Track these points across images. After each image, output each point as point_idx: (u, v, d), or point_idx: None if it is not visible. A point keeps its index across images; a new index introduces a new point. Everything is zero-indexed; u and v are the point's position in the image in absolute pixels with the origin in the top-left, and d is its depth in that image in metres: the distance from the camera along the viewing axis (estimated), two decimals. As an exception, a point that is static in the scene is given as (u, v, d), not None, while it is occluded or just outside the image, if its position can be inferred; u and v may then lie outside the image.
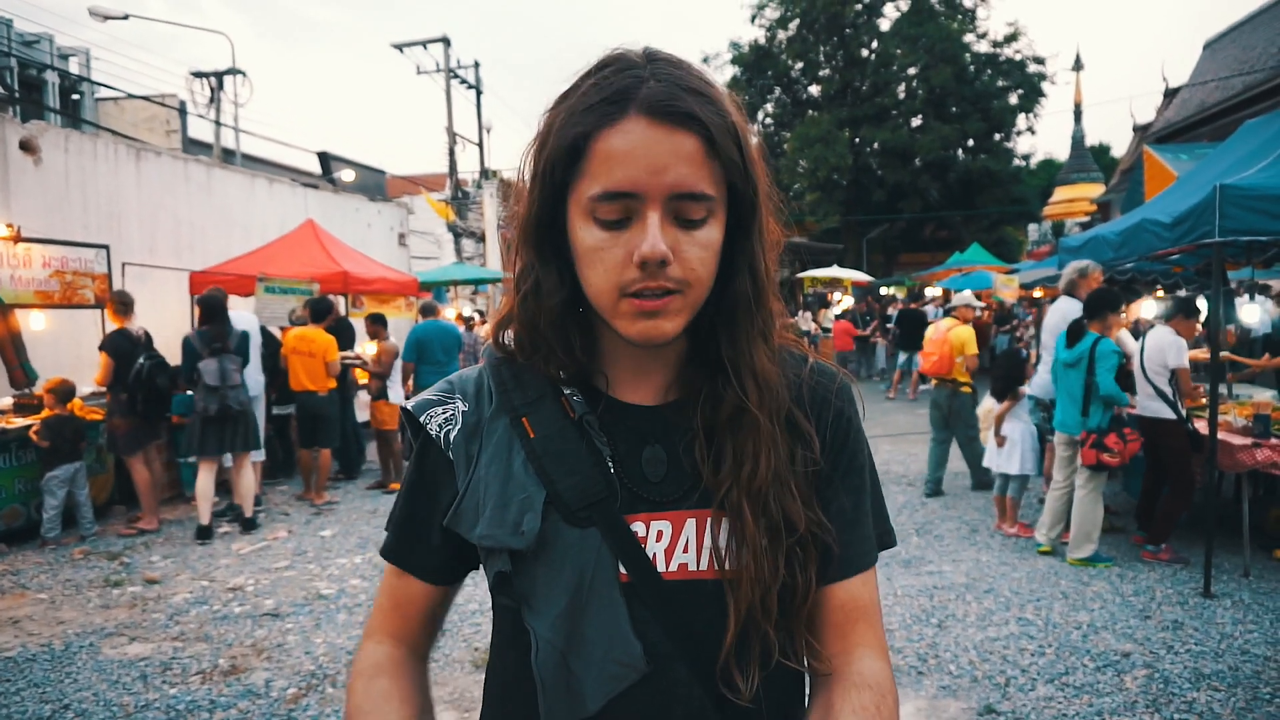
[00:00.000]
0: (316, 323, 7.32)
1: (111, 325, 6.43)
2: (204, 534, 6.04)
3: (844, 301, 17.98)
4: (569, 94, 0.81)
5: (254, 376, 6.97)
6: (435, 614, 0.98)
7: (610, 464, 0.86)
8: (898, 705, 0.86)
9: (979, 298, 16.48)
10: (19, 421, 6.11)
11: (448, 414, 0.92)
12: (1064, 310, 5.69)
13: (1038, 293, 12.87)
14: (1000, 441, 5.82)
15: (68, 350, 7.84)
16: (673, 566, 0.84)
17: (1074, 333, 5.11)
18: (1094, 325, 5.04)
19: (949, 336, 6.92)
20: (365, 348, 8.35)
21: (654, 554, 0.84)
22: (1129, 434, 4.85)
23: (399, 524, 0.95)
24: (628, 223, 0.78)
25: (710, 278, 0.81)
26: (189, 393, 6.18)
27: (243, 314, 7.14)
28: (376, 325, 7.86)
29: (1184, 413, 5.04)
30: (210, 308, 6.13)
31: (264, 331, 7.59)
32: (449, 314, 10.89)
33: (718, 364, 0.86)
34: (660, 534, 0.85)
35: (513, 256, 0.89)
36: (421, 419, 0.93)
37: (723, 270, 0.83)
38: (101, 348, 6.19)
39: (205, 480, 6.10)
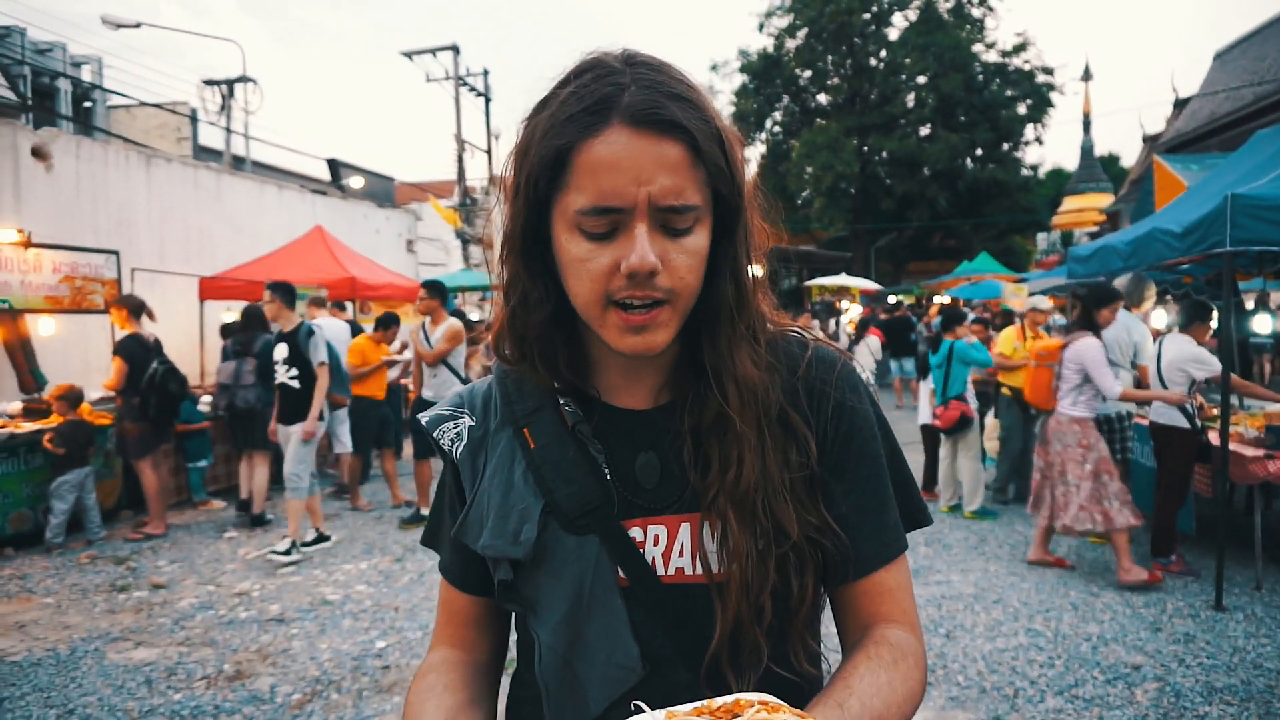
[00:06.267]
0: (382, 330, 7.50)
1: (119, 330, 6.46)
2: (257, 521, 6.59)
3: (850, 310, 17.96)
4: (547, 102, 0.79)
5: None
6: (485, 621, 0.99)
7: (606, 471, 0.86)
8: (921, 671, 0.83)
9: (987, 307, 16.42)
10: (28, 426, 6.13)
11: (457, 429, 0.94)
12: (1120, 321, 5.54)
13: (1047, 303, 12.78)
14: None
15: (76, 355, 7.88)
16: (670, 570, 0.85)
17: (937, 341, 6.74)
18: (948, 334, 6.60)
19: (998, 338, 7.38)
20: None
21: (652, 558, 0.85)
22: (952, 404, 6.43)
23: (436, 536, 1.00)
24: (614, 234, 0.76)
25: (698, 284, 0.80)
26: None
27: (334, 321, 7.29)
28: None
29: (1199, 423, 5.00)
30: (248, 317, 6.72)
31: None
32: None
33: (701, 369, 0.86)
34: (657, 538, 0.85)
35: (500, 266, 0.88)
36: (435, 434, 0.95)
37: (708, 274, 0.82)
38: (116, 352, 6.22)
39: (253, 473, 6.63)
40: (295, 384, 5.73)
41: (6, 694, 3.67)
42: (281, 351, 5.80)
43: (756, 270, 0.87)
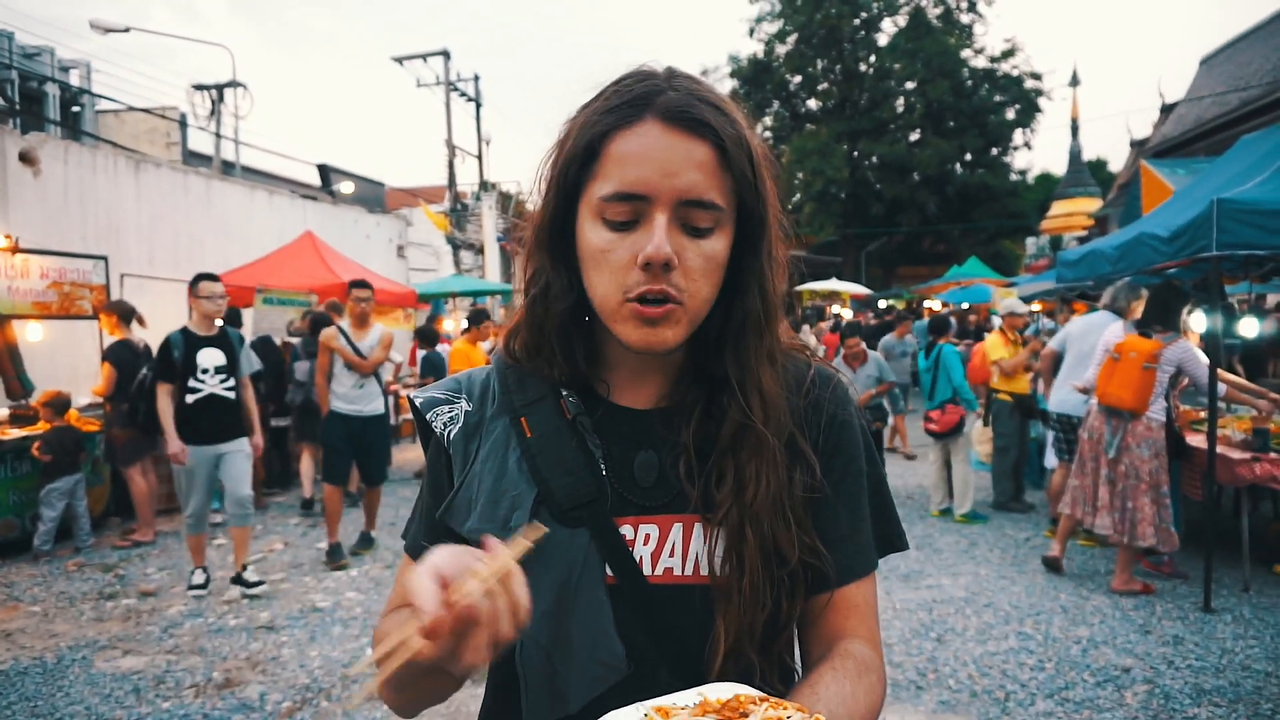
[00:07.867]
0: (476, 329, 7.41)
1: (108, 336, 6.42)
2: (307, 505, 7.17)
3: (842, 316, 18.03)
4: (592, 101, 0.83)
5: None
6: None
7: (602, 466, 0.87)
8: (883, 687, 0.84)
9: (974, 310, 16.46)
10: (15, 433, 6.09)
11: (452, 413, 0.94)
12: (1097, 324, 5.51)
13: (1034, 306, 12.86)
14: None
15: (65, 361, 7.82)
16: (658, 570, 0.85)
17: (930, 346, 6.85)
18: (939, 340, 6.80)
19: (983, 345, 7.29)
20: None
21: (640, 557, 0.85)
22: (949, 409, 6.46)
23: (415, 516, 1.00)
24: (635, 225, 0.78)
25: (712, 291, 0.81)
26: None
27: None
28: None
29: (1175, 426, 4.96)
30: (316, 322, 7.05)
31: (267, 342, 7.64)
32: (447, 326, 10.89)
33: (717, 381, 0.86)
34: (648, 537, 0.85)
35: (524, 262, 0.90)
36: (428, 416, 0.95)
37: (729, 287, 0.84)
38: (105, 358, 6.20)
39: (307, 462, 7.32)
40: (231, 395, 5.01)
41: (-7, 703, 3.64)
42: (215, 358, 4.97)
43: (778, 290, 0.88)
